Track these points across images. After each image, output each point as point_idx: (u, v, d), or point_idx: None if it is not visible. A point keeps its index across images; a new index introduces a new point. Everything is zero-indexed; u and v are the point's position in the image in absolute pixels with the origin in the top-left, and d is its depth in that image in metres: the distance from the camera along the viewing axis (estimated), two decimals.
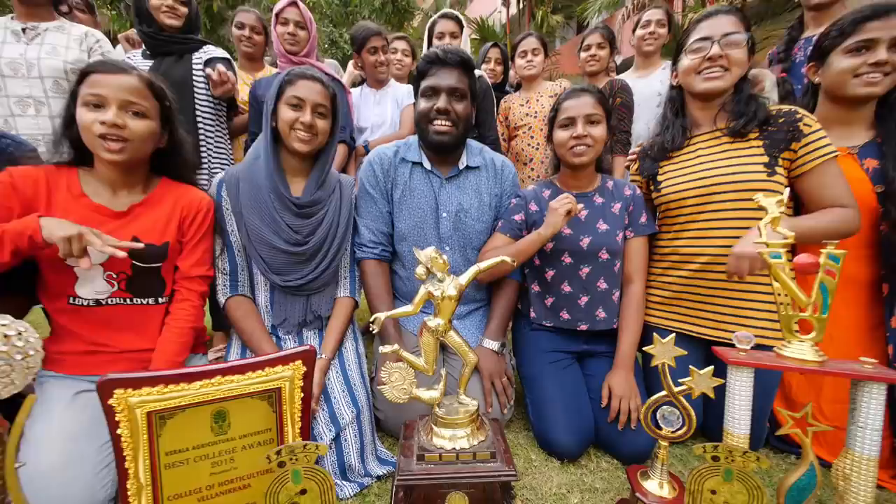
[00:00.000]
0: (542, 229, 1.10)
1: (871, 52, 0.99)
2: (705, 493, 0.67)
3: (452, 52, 1.21)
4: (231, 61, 1.73)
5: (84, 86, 0.87)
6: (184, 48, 1.66)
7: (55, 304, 0.91)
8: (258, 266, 1.13)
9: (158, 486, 0.67)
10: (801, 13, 1.82)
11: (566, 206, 1.07)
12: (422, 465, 0.78)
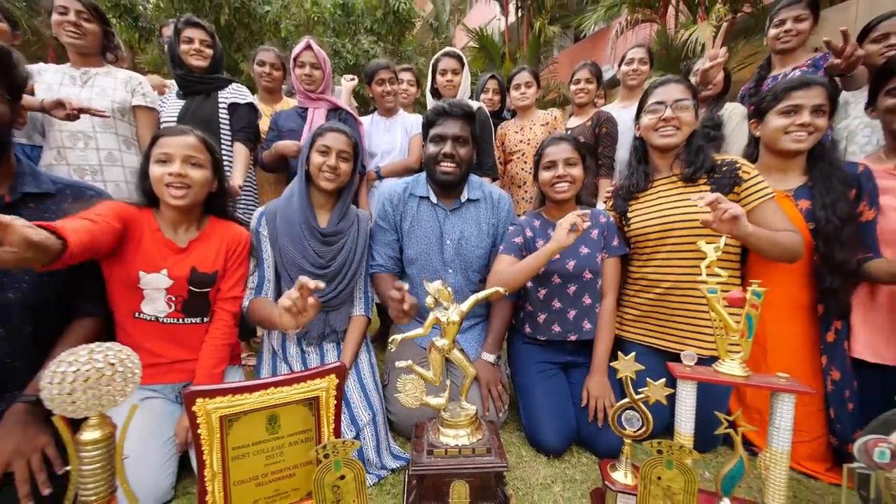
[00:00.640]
0: (550, 244, 1.22)
1: (798, 115, 1.18)
2: (654, 479, 0.85)
3: (457, 105, 1.41)
4: (253, 104, 1.91)
5: (155, 147, 1.06)
6: (210, 87, 1.85)
7: (123, 319, 1.10)
8: (286, 285, 1.32)
9: (227, 474, 0.85)
10: (769, 55, 2.02)
11: (571, 221, 1.19)
12: (431, 458, 0.97)
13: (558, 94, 9.21)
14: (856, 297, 1.22)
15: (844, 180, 1.17)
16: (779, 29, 1.87)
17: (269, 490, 0.90)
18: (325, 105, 1.96)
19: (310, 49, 1.90)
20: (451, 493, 0.98)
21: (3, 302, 0.91)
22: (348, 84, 2.29)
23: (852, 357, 1.22)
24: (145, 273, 1.04)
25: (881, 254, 1.16)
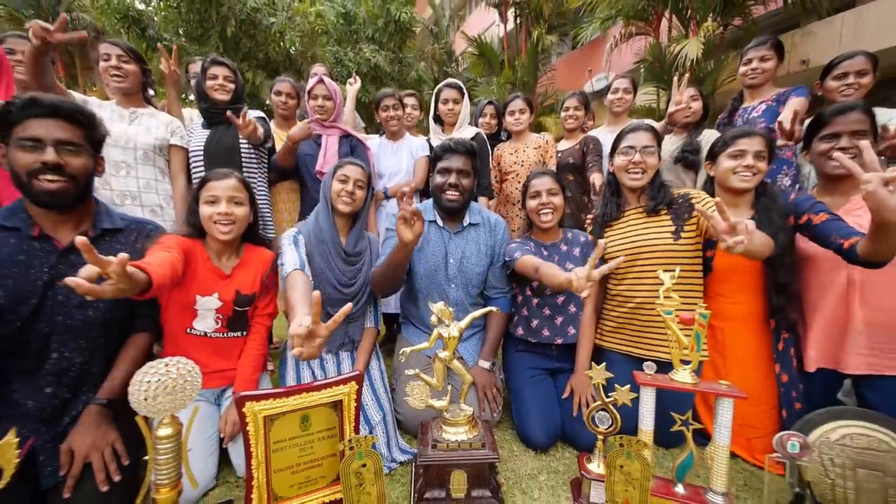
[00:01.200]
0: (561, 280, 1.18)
1: (743, 159, 1.37)
2: (617, 468, 1.04)
3: (461, 144, 1.61)
4: (266, 119, 2.10)
5: (204, 190, 1.25)
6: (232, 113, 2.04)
7: (175, 333, 1.29)
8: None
9: (269, 463, 1.04)
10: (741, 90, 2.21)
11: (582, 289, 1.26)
12: (435, 451, 1.16)
13: (556, 101, 9.39)
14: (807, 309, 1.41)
15: (782, 212, 1.35)
16: (747, 67, 2.06)
17: (301, 477, 1.09)
18: (338, 132, 2.14)
19: (322, 83, 2.09)
20: (452, 481, 1.17)
21: (85, 319, 1.09)
22: (352, 88, 2.47)
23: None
24: (201, 296, 1.24)
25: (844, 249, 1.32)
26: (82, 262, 1.08)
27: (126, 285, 0.85)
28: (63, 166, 1.01)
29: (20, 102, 1.00)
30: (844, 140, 1.31)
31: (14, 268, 1.01)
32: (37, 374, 1.08)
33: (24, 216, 1.05)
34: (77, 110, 1.06)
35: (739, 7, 5.61)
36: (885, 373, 1.26)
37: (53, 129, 1.01)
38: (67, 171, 1.03)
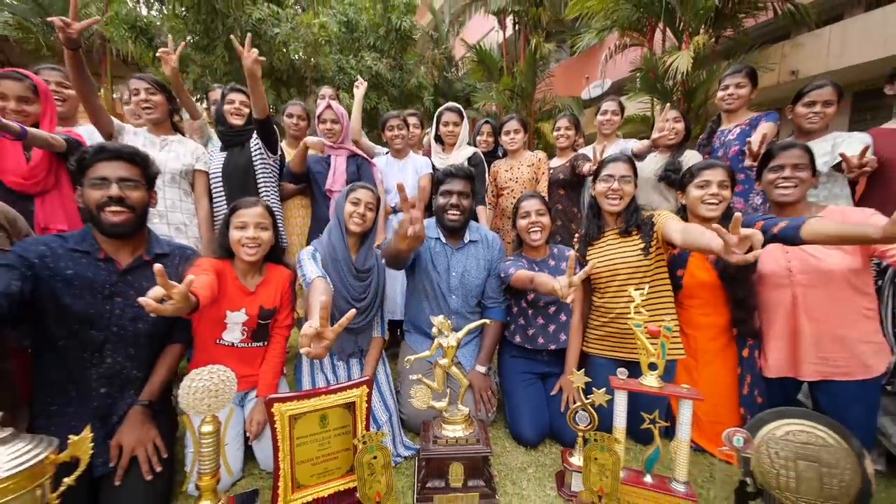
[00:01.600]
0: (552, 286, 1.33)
1: (709, 188, 1.54)
2: (592, 460, 1.21)
3: (461, 169, 1.79)
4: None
5: (234, 217, 1.42)
6: (243, 137, 2.20)
7: (206, 343, 1.45)
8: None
9: (293, 456, 1.21)
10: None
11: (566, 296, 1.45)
12: (436, 446, 1.33)
13: (553, 106, 9.58)
14: (763, 323, 1.58)
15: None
16: (724, 92, 2.24)
17: (320, 468, 1.26)
18: (346, 152, 2.32)
19: (330, 108, 2.26)
20: (450, 472, 1.33)
21: (136, 330, 1.27)
22: (359, 92, 2.64)
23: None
24: (230, 311, 1.41)
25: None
26: (138, 281, 1.26)
27: (184, 305, 1.02)
28: (124, 199, 1.20)
29: (92, 150, 1.19)
30: (787, 171, 1.48)
31: (84, 283, 1.19)
32: (91, 377, 1.25)
33: (92, 241, 1.24)
34: (135, 153, 1.25)
35: (731, 19, 5.78)
36: (833, 378, 1.43)
37: (117, 169, 1.20)
38: (128, 203, 1.21)
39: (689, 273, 1.62)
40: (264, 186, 2.20)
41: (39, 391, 1.25)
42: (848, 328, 1.41)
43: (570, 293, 1.23)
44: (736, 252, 1.05)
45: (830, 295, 1.41)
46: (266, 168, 2.21)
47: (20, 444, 0.89)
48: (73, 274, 1.17)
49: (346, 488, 1.28)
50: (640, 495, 1.25)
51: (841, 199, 1.95)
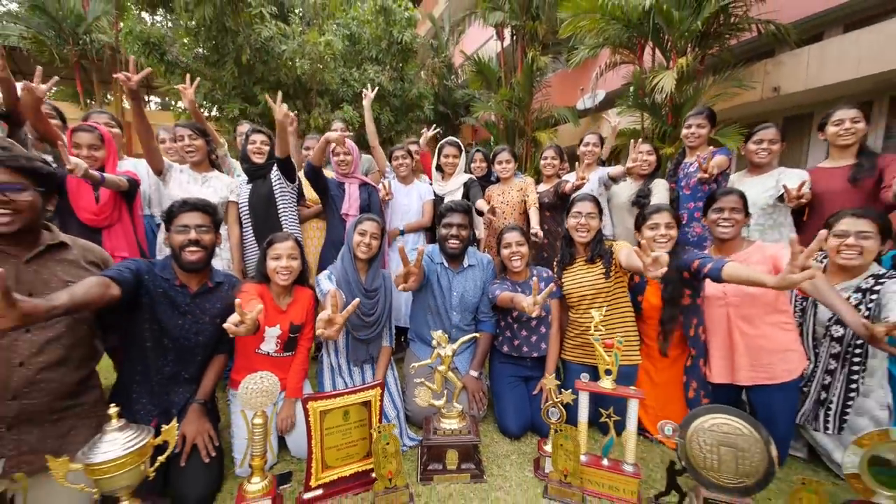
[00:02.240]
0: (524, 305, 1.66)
1: (658, 230, 1.85)
2: (559, 446, 1.52)
3: (460, 205, 2.11)
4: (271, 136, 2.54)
5: (270, 249, 1.74)
6: (265, 171, 2.51)
7: (247, 352, 1.77)
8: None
9: (322, 443, 1.52)
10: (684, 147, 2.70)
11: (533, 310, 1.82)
12: (435, 436, 1.65)
13: (550, 115, 9.89)
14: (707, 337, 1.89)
15: (678, 268, 1.81)
16: (688, 131, 2.56)
17: (343, 453, 1.58)
18: (357, 181, 2.64)
19: (343, 143, 2.58)
20: (447, 457, 1.65)
21: (196, 343, 1.59)
22: (367, 101, 2.98)
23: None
24: (268, 327, 1.73)
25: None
26: (202, 303, 1.60)
27: (252, 328, 1.35)
28: (200, 241, 1.54)
29: (177, 204, 1.56)
30: (726, 213, 1.81)
31: (167, 301, 1.53)
32: (158, 378, 1.57)
33: (171, 271, 1.58)
34: (208, 205, 1.60)
35: (717, 38, 6.09)
36: (761, 383, 1.75)
37: (194, 218, 1.55)
38: (202, 244, 1.55)
39: (646, 299, 1.95)
40: (284, 212, 2.52)
41: (119, 388, 1.57)
42: (770, 340, 1.73)
43: (535, 310, 1.56)
44: (651, 270, 1.48)
45: (756, 313, 1.73)
46: (285, 196, 2.53)
47: (130, 431, 1.21)
48: (161, 292, 1.51)
49: (363, 469, 1.60)
50: (598, 475, 1.57)
51: (784, 227, 2.27)
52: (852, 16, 6.07)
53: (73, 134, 1.89)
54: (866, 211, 1.64)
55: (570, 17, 6.30)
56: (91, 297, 1.22)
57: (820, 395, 1.73)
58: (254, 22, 6.80)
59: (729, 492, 1.47)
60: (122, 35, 7.46)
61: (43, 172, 1.31)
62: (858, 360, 1.66)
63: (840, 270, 1.68)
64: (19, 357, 1.25)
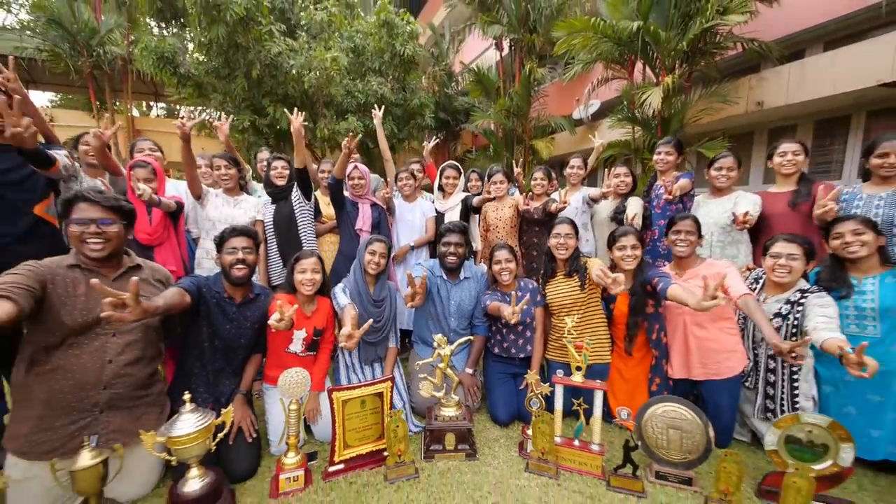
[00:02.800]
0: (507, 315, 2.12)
1: (625, 251, 2.18)
2: (537, 430, 1.86)
3: (457, 226, 2.45)
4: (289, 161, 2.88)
5: (297, 265, 2.08)
6: (286, 193, 2.85)
7: (278, 351, 2.11)
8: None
9: (344, 426, 1.86)
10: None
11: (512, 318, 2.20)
12: (437, 421, 1.99)
13: (546, 124, 10.24)
14: (668, 340, 2.23)
15: (642, 283, 2.15)
16: (658, 157, 2.90)
17: (360, 435, 1.92)
18: (368, 202, 2.98)
19: (356, 168, 2.92)
20: (446, 439, 1.99)
21: (239, 343, 1.94)
22: (377, 119, 3.37)
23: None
24: (296, 330, 2.06)
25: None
26: (245, 312, 1.94)
27: (289, 324, 1.70)
28: (245, 260, 1.88)
29: (228, 230, 1.90)
30: (683, 235, 2.15)
31: (219, 310, 1.87)
32: (209, 372, 1.91)
33: (220, 285, 1.92)
34: (252, 231, 1.95)
35: (704, 55, 6.43)
36: (710, 378, 2.08)
37: (241, 242, 1.89)
38: (247, 263, 1.90)
39: (617, 307, 2.28)
40: (303, 229, 2.87)
41: (179, 381, 1.91)
42: (718, 343, 2.06)
43: (514, 318, 1.93)
44: (612, 288, 1.89)
45: (706, 320, 2.07)
46: (304, 214, 2.87)
47: (198, 414, 1.56)
48: (215, 302, 1.85)
49: (377, 448, 1.94)
50: (570, 453, 1.90)
51: (741, 243, 2.60)
52: (831, 34, 6.40)
53: (132, 170, 2.24)
54: (795, 237, 1.97)
55: (565, 35, 6.64)
56: (175, 303, 1.57)
57: (767, 391, 2.06)
58: (264, 38, 7.16)
59: (676, 465, 1.80)
60: (138, 49, 7.81)
61: (126, 209, 1.65)
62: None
63: (775, 285, 2.02)
64: (109, 356, 1.60)
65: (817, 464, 1.64)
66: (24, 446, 1.48)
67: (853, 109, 6.23)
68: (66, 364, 1.52)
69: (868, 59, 5.36)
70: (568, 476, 1.86)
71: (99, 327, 1.57)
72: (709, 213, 2.62)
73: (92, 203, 1.54)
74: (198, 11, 6.52)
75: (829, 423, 1.62)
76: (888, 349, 1.81)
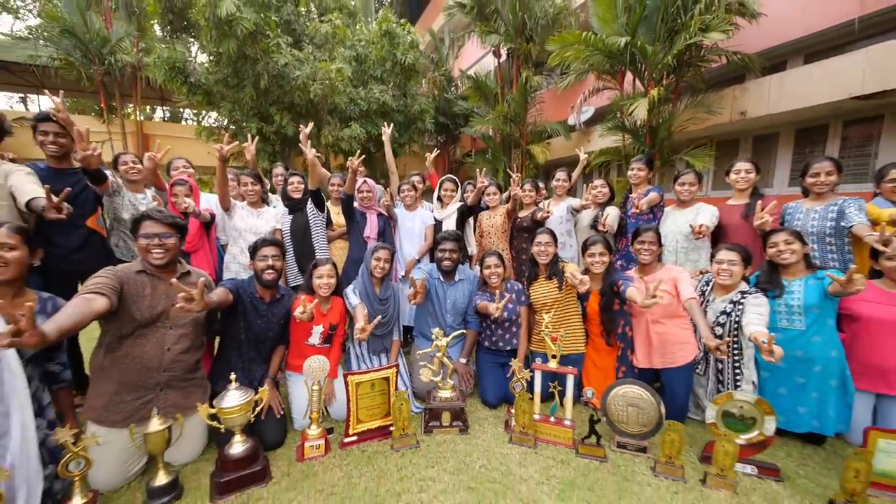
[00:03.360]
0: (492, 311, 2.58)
1: (594, 257, 2.54)
2: (519, 408, 2.22)
3: (452, 234, 2.81)
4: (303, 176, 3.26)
5: (315, 270, 2.44)
6: (302, 205, 3.22)
7: (299, 343, 2.47)
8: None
9: (357, 404, 2.23)
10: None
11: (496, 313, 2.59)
12: (435, 402, 2.35)
13: (543, 129, 10.59)
14: (633, 333, 2.59)
15: (609, 285, 2.51)
16: (631, 172, 3.27)
17: (370, 412, 2.28)
18: (375, 212, 3.34)
19: (366, 182, 3.29)
20: (442, 417, 2.35)
21: (268, 337, 2.31)
22: (386, 137, 3.75)
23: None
24: (314, 325, 2.42)
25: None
26: (273, 310, 2.30)
27: (311, 315, 2.07)
28: (275, 267, 2.24)
29: (259, 241, 2.25)
30: (646, 245, 2.51)
31: (251, 308, 2.23)
32: (243, 360, 2.28)
33: (253, 287, 2.28)
34: (280, 242, 2.31)
35: (690, 66, 6.79)
36: (668, 366, 2.44)
37: (271, 250, 2.25)
38: (276, 268, 2.26)
39: (589, 305, 2.64)
40: (316, 237, 3.24)
41: (218, 368, 2.28)
42: (674, 336, 2.42)
43: (497, 313, 2.32)
44: (580, 288, 2.25)
45: (663, 317, 2.43)
46: (317, 224, 3.24)
47: (242, 391, 1.92)
48: (249, 301, 2.22)
49: (384, 424, 2.30)
50: (546, 427, 2.26)
51: (702, 249, 2.95)
52: (811, 47, 6.74)
53: (174, 186, 2.61)
54: (735, 246, 2.33)
55: (558, 48, 6.99)
56: (222, 300, 1.96)
57: (717, 377, 2.42)
58: (272, 51, 7.52)
59: (634, 437, 2.17)
60: (152, 60, 8.18)
61: (181, 224, 2.02)
62: (737, 351, 2.35)
63: (721, 287, 2.38)
64: (167, 345, 1.96)
65: (747, 433, 2.00)
66: (100, 416, 1.85)
67: (831, 119, 6.58)
68: (134, 351, 1.88)
69: (840, 74, 5.72)
70: (544, 446, 2.22)
71: (160, 321, 1.93)
72: (674, 222, 2.98)
73: (155, 221, 1.91)
74: (210, 26, 6.88)
75: (756, 400, 1.98)
76: (810, 339, 2.17)
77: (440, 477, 1.94)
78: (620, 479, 1.95)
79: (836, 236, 2.47)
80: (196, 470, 2.01)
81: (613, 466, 2.06)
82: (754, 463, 2.02)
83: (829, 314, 2.17)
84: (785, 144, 7.30)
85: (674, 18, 6.28)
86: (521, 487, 1.87)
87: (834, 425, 2.14)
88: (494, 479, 1.93)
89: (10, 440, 1.52)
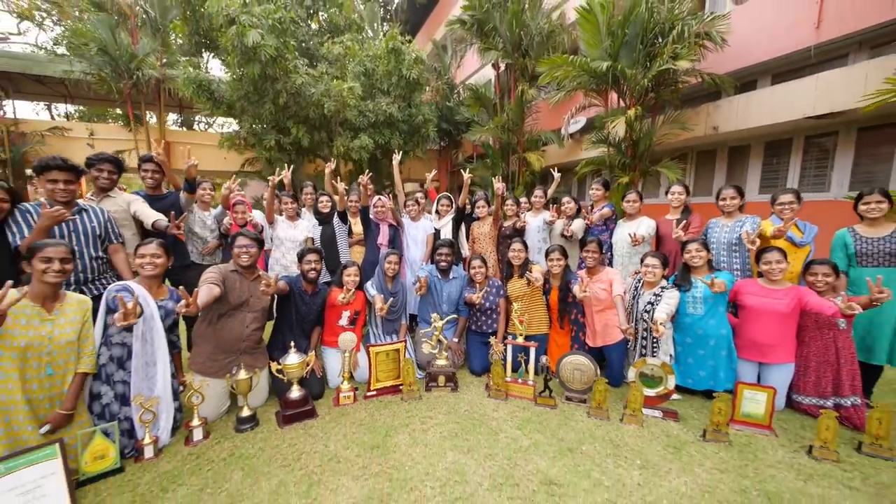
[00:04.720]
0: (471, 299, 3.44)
1: (553, 262, 3.35)
2: (495, 372, 3.03)
3: (446, 241, 3.64)
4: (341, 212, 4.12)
5: (345, 270, 3.27)
6: (330, 218, 4.05)
7: (331, 324, 3.30)
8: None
9: (376, 368, 3.05)
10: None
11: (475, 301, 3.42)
12: (433, 369, 3.18)
13: (538, 137, 11.35)
14: (585, 320, 3.39)
15: (566, 282, 3.31)
16: (591, 191, 4.06)
17: (386, 375, 3.12)
18: (387, 223, 4.17)
19: (380, 199, 4.11)
20: (439, 380, 3.18)
21: (310, 320, 3.15)
22: (395, 161, 4.50)
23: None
24: (343, 311, 3.25)
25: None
26: (315, 300, 3.16)
27: (348, 300, 2.91)
28: (316, 268, 3.08)
29: (305, 249, 3.08)
30: (590, 252, 3.31)
31: (300, 298, 3.07)
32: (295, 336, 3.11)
33: (300, 283, 3.11)
34: (320, 249, 3.14)
35: (666, 86, 7.53)
36: (608, 343, 3.24)
37: (314, 256, 3.08)
38: (317, 269, 3.09)
39: (551, 297, 3.45)
40: (341, 245, 4.07)
41: (274, 341, 3.12)
42: (611, 321, 3.23)
43: (477, 300, 3.16)
44: (535, 283, 3.03)
45: (603, 307, 3.24)
46: (342, 233, 4.08)
47: (298, 355, 2.77)
48: (297, 293, 3.05)
49: (395, 384, 3.12)
50: (513, 386, 3.07)
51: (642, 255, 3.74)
52: (777, 69, 7.45)
53: (235, 206, 3.45)
54: (657, 253, 3.13)
55: (548, 69, 7.75)
56: (284, 289, 2.80)
57: (641, 351, 3.21)
58: (290, 71, 8.36)
59: (578, 392, 2.98)
60: (181, 80, 9.05)
61: (260, 239, 2.85)
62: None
63: (648, 284, 3.17)
64: (247, 323, 2.80)
65: (656, 388, 2.81)
66: (201, 368, 2.69)
67: (793, 134, 7.30)
68: (226, 325, 2.72)
69: (796, 96, 6.45)
70: (512, 400, 3.03)
71: (243, 307, 2.77)
72: (622, 232, 3.78)
73: (246, 237, 2.75)
74: (236, 53, 7.72)
75: (662, 364, 2.79)
76: (707, 322, 2.97)
77: (436, 417, 2.77)
78: (564, 419, 2.76)
79: (739, 245, 3.25)
80: (264, 411, 2.85)
81: (560, 412, 2.87)
82: (661, 409, 2.82)
83: (720, 303, 2.96)
84: (755, 156, 8.03)
85: (651, 43, 7.03)
86: (492, 423, 2.69)
87: (723, 384, 2.93)
88: (474, 418, 2.75)
89: (157, 381, 2.37)
